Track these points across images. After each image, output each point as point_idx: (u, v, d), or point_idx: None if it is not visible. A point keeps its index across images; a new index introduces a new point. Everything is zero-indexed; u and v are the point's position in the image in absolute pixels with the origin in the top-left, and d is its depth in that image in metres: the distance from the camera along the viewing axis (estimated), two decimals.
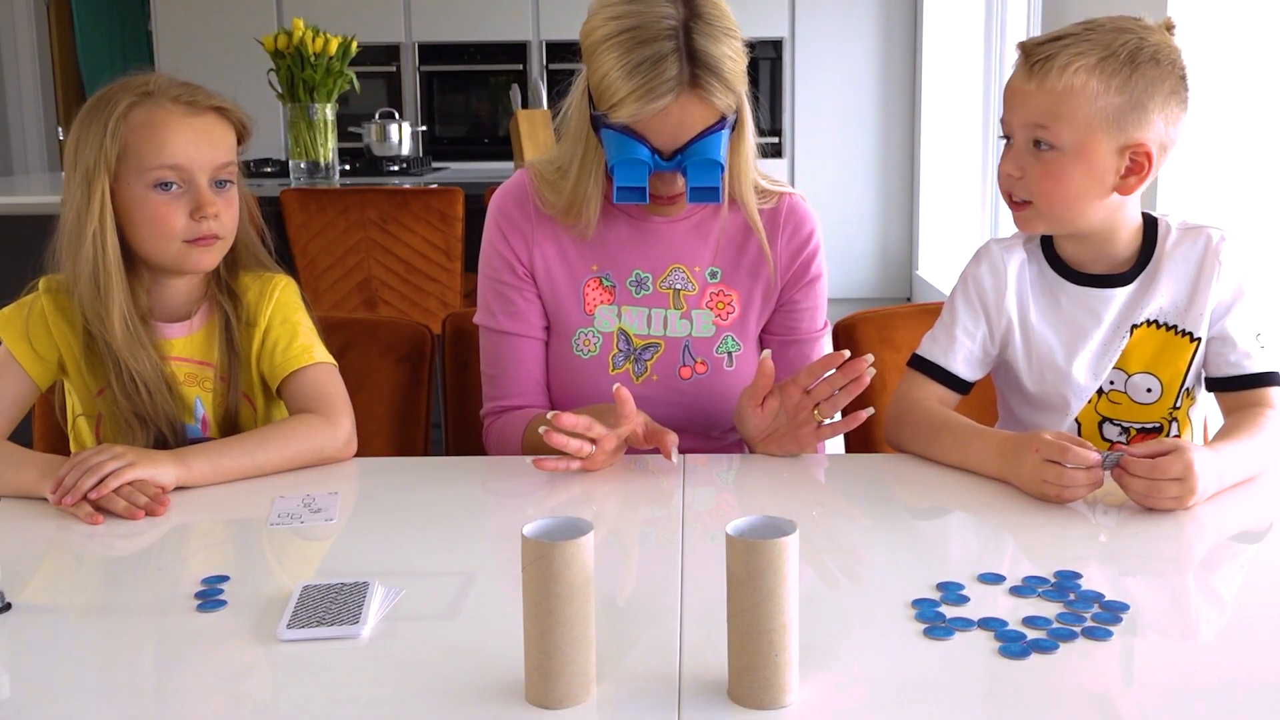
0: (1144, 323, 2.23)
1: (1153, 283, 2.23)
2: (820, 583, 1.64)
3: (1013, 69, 2.20)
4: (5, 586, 1.60)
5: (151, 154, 2.18)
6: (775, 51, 9.76)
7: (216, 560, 1.81)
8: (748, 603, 1.28)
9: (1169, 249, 2.24)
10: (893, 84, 9.77)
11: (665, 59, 2.13)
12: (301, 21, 5.82)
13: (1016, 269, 2.30)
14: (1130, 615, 1.51)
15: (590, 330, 2.42)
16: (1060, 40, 2.12)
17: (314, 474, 2.15)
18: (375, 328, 2.76)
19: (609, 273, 2.43)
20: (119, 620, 1.59)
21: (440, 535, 1.90)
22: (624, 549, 1.79)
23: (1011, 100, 2.18)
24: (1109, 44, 2.10)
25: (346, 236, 5.11)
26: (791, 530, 1.28)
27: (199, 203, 2.20)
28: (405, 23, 9.79)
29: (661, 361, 2.43)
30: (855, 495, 2.08)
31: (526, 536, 1.29)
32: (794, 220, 2.48)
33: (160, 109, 2.20)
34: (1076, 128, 2.10)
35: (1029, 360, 2.29)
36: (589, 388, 2.41)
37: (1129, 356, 2.23)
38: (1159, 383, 2.24)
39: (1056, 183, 2.14)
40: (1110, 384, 2.25)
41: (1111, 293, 2.24)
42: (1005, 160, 2.20)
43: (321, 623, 1.50)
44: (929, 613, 1.53)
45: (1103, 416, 2.26)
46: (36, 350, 2.26)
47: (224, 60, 9.40)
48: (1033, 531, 1.87)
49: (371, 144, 6.92)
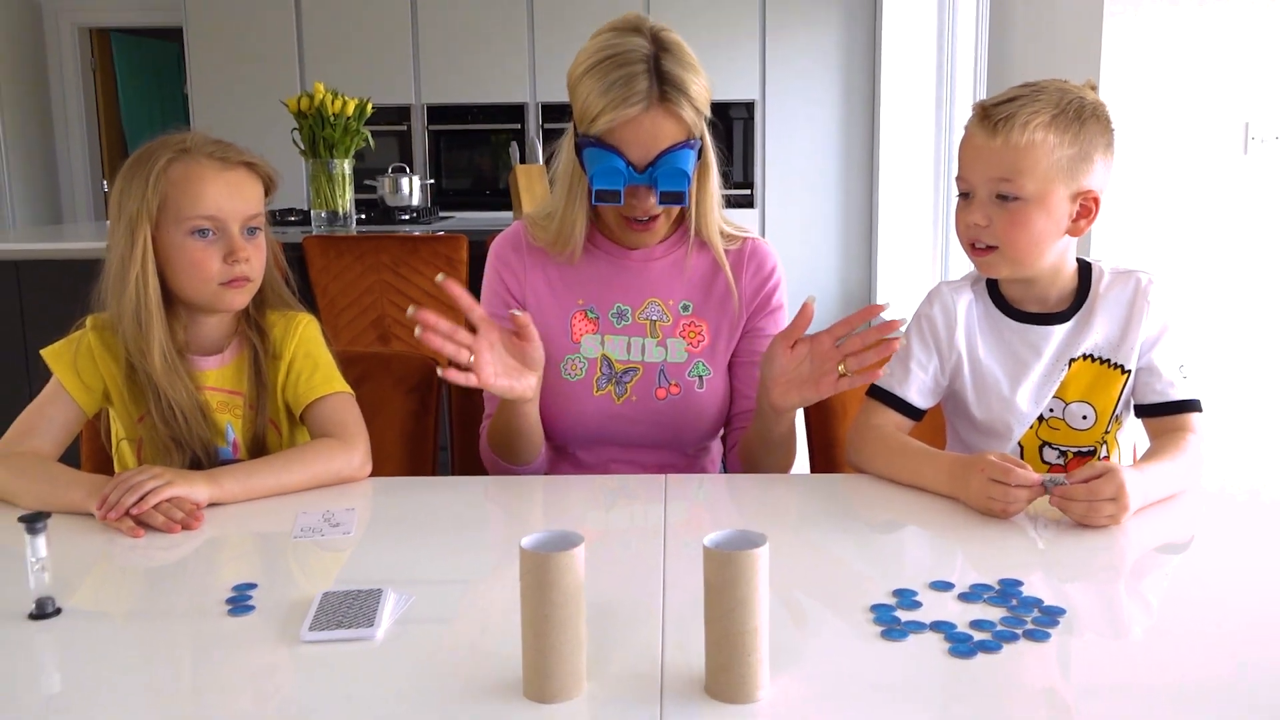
0: (1080, 357, 2.24)
1: (1088, 321, 2.25)
2: (789, 589, 1.64)
3: (968, 128, 2.20)
4: (56, 593, 1.60)
5: (189, 205, 2.20)
6: (748, 112, 9.77)
7: (245, 569, 1.80)
8: (723, 608, 1.28)
9: (1103, 291, 2.26)
10: (853, 140, 9.79)
11: (637, 77, 2.22)
12: (322, 85, 5.83)
13: (965, 308, 2.32)
14: (1066, 619, 1.52)
15: (577, 356, 2.46)
16: (1015, 100, 2.13)
17: (333, 492, 2.15)
18: (388, 361, 2.77)
19: (593, 306, 2.48)
20: (158, 623, 1.59)
21: (446, 547, 1.90)
22: (612, 559, 1.79)
23: (973, 157, 2.18)
24: (1058, 101, 2.12)
25: (362, 279, 5.11)
26: (762, 543, 1.29)
27: (232, 248, 2.22)
28: (415, 86, 9.80)
29: (640, 384, 2.46)
30: (820, 512, 2.07)
31: (524, 548, 1.29)
32: (757, 258, 2.53)
33: (196, 164, 2.21)
34: (1038, 178, 2.12)
35: (976, 391, 2.30)
36: (573, 407, 2.46)
37: (1067, 387, 2.25)
38: (1094, 410, 2.25)
39: (1021, 229, 2.15)
40: (1050, 411, 2.26)
41: (1051, 330, 2.26)
42: (970, 212, 2.19)
43: (340, 625, 1.51)
44: (886, 616, 1.53)
45: (1043, 441, 2.28)
46: (83, 380, 2.27)
47: (252, 119, 9.40)
48: (979, 544, 1.87)
49: (385, 195, 6.91)
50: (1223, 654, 1.44)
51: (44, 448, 2.22)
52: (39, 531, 1.59)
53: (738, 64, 9.70)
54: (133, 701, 1.35)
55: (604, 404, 2.46)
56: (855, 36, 9.65)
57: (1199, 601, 1.62)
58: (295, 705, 1.35)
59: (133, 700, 1.35)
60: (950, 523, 1.97)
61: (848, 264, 9.97)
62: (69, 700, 1.36)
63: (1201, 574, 1.75)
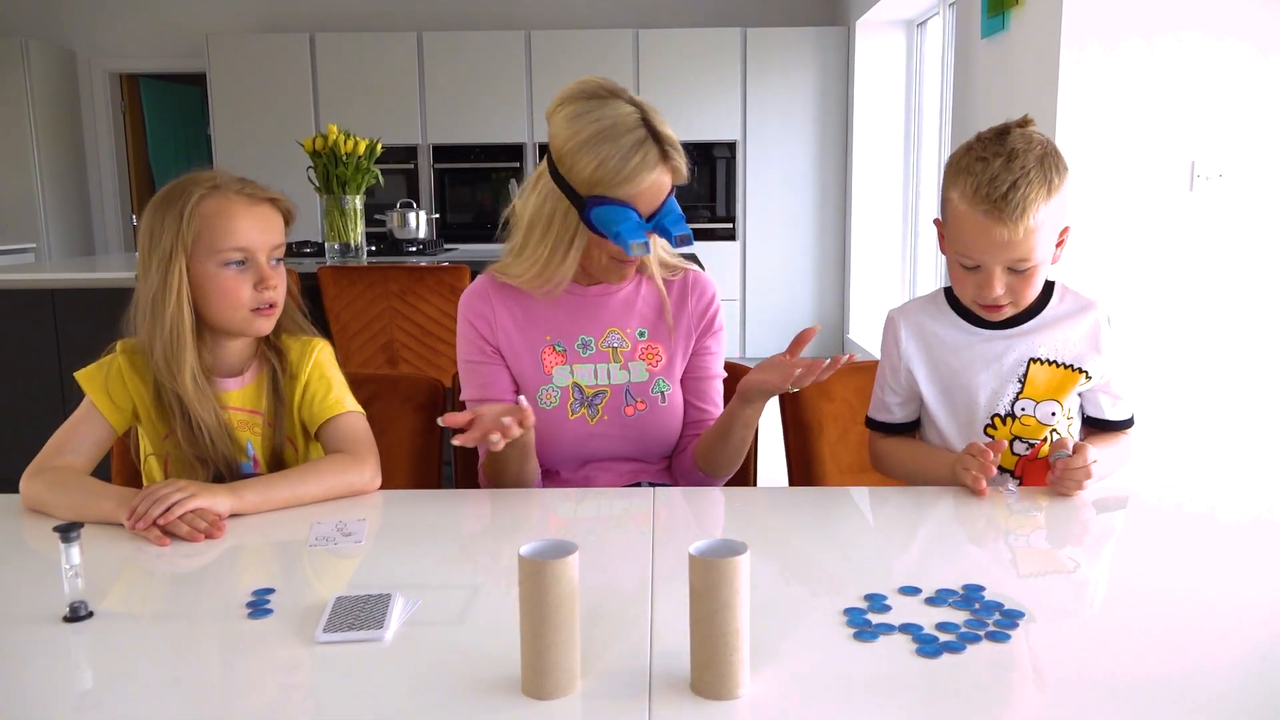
0: (1040, 360, 2.32)
1: (1047, 330, 2.33)
2: (768, 594, 1.64)
3: (969, 211, 2.17)
4: (88, 597, 1.61)
5: (222, 238, 2.21)
6: (730, 152, 9.80)
7: (264, 575, 1.80)
8: (707, 611, 1.29)
9: (1063, 311, 2.34)
10: (828, 178, 9.82)
11: (645, 142, 2.29)
12: (335, 126, 5.83)
13: (913, 325, 2.42)
14: (1025, 620, 1.53)
15: (550, 386, 2.49)
16: (1015, 187, 2.11)
17: (345, 504, 2.15)
18: (397, 382, 2.77)
19: (559, 340, 2.51)
20: (183, 625, 1.58)
21: (451, 554, 1.90)
22: (604, 566, 1.79)
23: (987, 244, 2.16)
24: (1040, 163, 2.14)
25: (373, 306, 5.12)
26: (744, 551, 1.30)
27: (262, 277, 2.24)
28: (421, 127, 9.82)
29: (610, 404, 2.49)
30: (798, 522, 2.07)
31: (522, 556, 1.30)
32: (699, 287, 2.61)
33: (227, 200, 2.23)
34: (1045, 244, 2.18)
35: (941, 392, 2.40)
36: (553, 432, 2.49)
37: (1037, 388, 2.32)
38: (1060, 405, 2.32)
39: (1033, 284, 2.24)
40: (1022, 410, 2.32)
41: (1010, 330, 2.34)
42: (987, 286, 2.21)
43: (352, 628, 1.51)
44: (858, 619, 1.53)
45: (1015, 436, 2.34)
46: (114, 400, 2.28)
47: (270, 158, 9.43)
48: (945, 553, 1.88)
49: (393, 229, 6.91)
50: (1165, 649, 1.45)
51: (77, 463, 2.22)
52: (73, 541, 1.60)
53: (721, 106, 9.76)
54: (161, 698, 1.35)
55: (579, 426, 2.48)
56: (830, 81, 9.70)
57: (1141, 603, 1.63)
58: (312, 701, 1.35)
59: (161, 697, 1.35)
60: (918, 533, 1.99)
61: (822, 292, 10.01)
62: (100, 697, 1.36)
63: (1142, 578, 1.75)
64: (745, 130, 9.81)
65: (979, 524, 2.01)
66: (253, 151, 9.71)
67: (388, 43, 9.85)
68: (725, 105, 9.81)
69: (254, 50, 9.88)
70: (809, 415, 2.77)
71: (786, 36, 9.76)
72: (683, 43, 9.70)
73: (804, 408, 2.78)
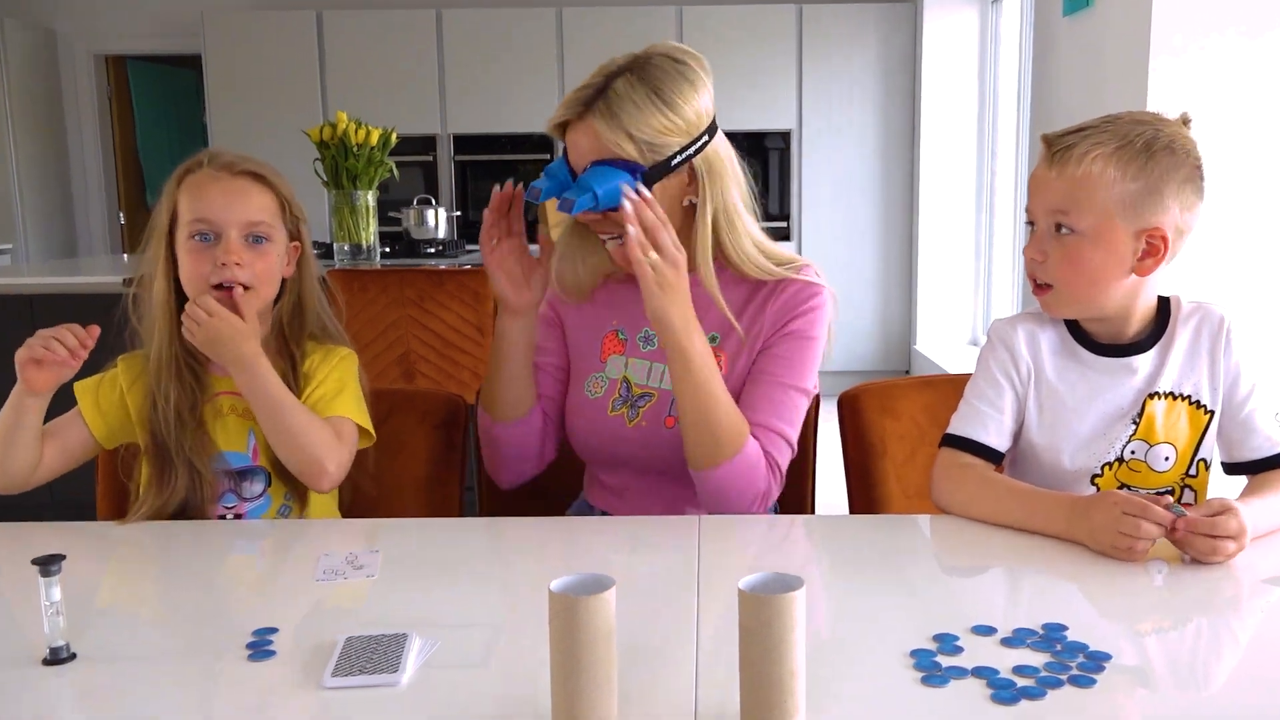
0: (1159, 393, 2.23)
1: (1166, 357, 2.24)
2: (826, 633, 1.64)
3: (1038, 159, 2.22)
4: (70, 638, 1.61)
5: (189, 210, 2.32)
6: (784, 142, 9.77)
7: (266, 613, 1.81)
8: (758, 652, 1.29)
9: (1181, 327, 2.25)
10: (892, 171, 9.77)
11: (587, 88, 2.32)
12: (345, 114, 5.86)
13: (1025, 339, 2.31)
14: (1112, 664, 1.52)
15: (600, 375, 2.52)
16: (1081, 131, 2.14)
17: (356, 533, 2.16)
18: (413, 397, 2.78)
19: (624, 327, 2.53)
20: (175, 669, 1.59)
21: (473, 589, 1.91)
22: (644, 602, 1.78)
23: (1035, 188, 2.20)
24: (1126, 134, 2.12)
25: (387, 313, 5.13)
26: (799, 586, 1.30)
27: (226, 250, 2.31)
28: (441, 115, 9.83)
29: (651, 410, 2.48)
30: (858, 554, 2.07)
31: (553, 591, 1.30)
32: (790, 292, 2.47)
33: (204, 174, 2.35)
34: (1094, 212, 2.12)
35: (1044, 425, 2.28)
36: (591, 424, 2.51)
37: (1150, 427, 2.23)
38: (1175, 450, 2.24)
39: (1075, 265, 2.16)
40: (1132, 453, 2.23)
41: (1128, 360, 2.24)
42: (1030, 245, 2.22)
43: (364, 671, 1.52)
44: (926, 662, 1.53)
45: (1121, 483, 2.24)
46: (101, 407, 2.38)
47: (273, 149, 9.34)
48: (1021, 587, 1.88)
49: (410, 228, 6.95)
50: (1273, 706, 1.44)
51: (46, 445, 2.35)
52: (53, 575, 1.60)
53: (774, 92, 9.71)
54: None
55: (617, 425, 2.49)
56: (895, 63, 9.65)
57: (1244, 650, 1.62)
58: None
59: None
60: (991, 566, 1.98)
61: (887, 299, 9.94)
62: None
63: (1254, 623, 1.74)
64: (801, 119, 9.77)
65: (1060, 556, 1.98)
66: (253, 141, 9.67)
67: (403, 21, 9.86)
68: (779, 91, 9.76)
69: (254, 29, 9.91)
70: (872, 435, 2.74)
71: (847, 14, 9.71)
72: (731, 21, 9.67)
73: (866, 427, 2.75)
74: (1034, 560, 1.98)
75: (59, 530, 2.26)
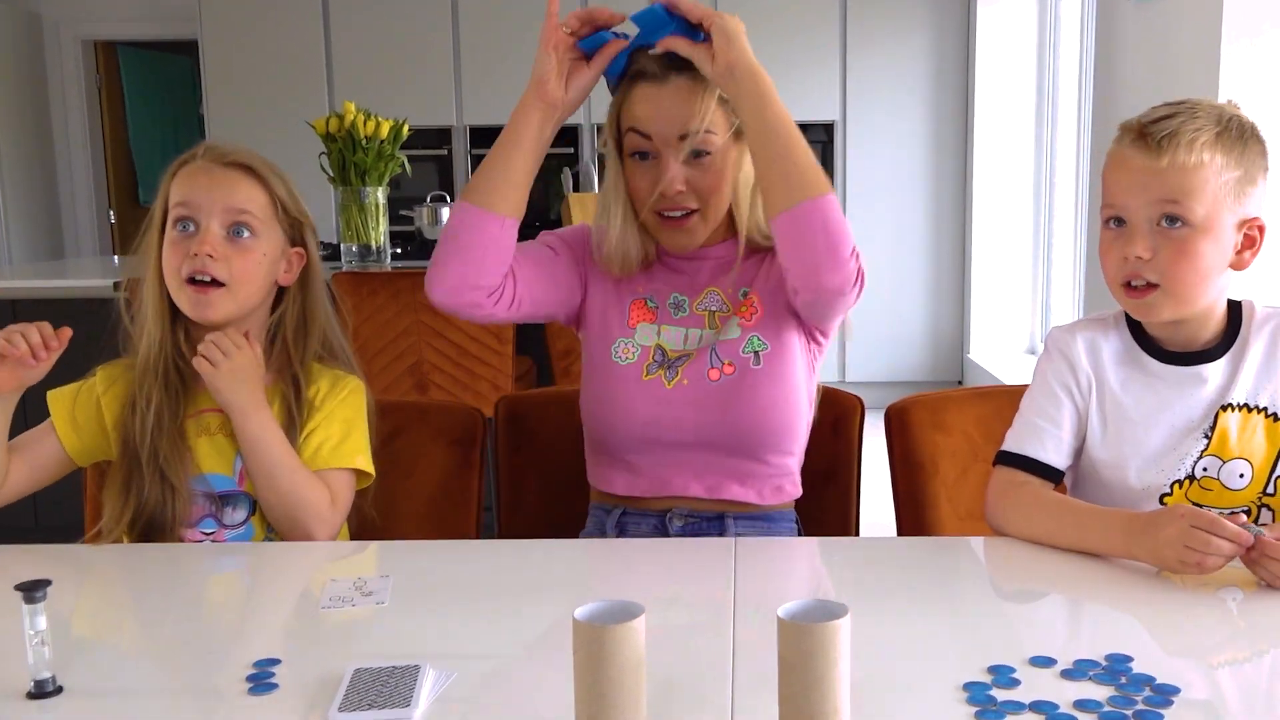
0: (1232, 405, 2.20)
1: (1240, 362, 2.21)
2: (872, 665, 1.64)
3: (1117, 152, 2.18)
4: (57, 670, 1.62)
5: (174, 198, 2.35)
6: (827, 134, 9.75)
7: (267, 643, 1.82)
8: (799, 685, 1.29)
9: (1255, 332, 2.23)
10: (944, 167, 9.74)
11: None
12: (353, 105, 5.86)
13: (1085, 349, 2.29)
14: (1181, 698, 1.51)
15: (630, 341, 2.54)
16: (1174, 117, 2.10)
17: (365, 556, 2.17)
18: (427, 411, 2.78)
19: (652, 295, 2.57)
20: (170, 704, 1.60)
21: (491, 617, 1.91)
22: (676, 630, 1.79)
23: (1131, 180, 2.14)
24: (1219, 118, 2.11)
25: (398, 320, 5.13)
26: (843, 613, 1.29)
27: (202, 240, 2.31)
28: (457, 106, 9.82)
29: (691, 366, 2.49)
30: (907, 580, 2.07)
31: (578, 620, 1.30)
32: None
33: (194, 164, 2.37)
34: (1206, 202, 2.09)
35: (1110, 441, 2.26)
36: (621, 393, 2.51)
37: (1223, 443, 2.20)
38: (1250, 467, 2.20)
39: (1190, 261, 2.12)
40: (1204, 470, 2.20)
41: (1200, 369, 2.22)
42: (1130, 243, 2.15)
43: (373, 706, 1.52)
44: (980, 696, 1.53)
45: (1193, 502, 2.19)
46: (76, 418, 2.39)
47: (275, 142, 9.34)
48: (1083, 615, 1.87)
49: (423, 227, 6.93)
50: None
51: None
52: (38, 602, 1.60)
53: (817, 82, 9.67)
54: None
55: (653, 389, 2.48)
56: (946, 51, 9.61)
57: None
58: None
59: None
60: (1050, 592, 1.97)
61: (938, 304, 9.89)
62: None
63: None
64: (845, 111, 9.75)
65: (1124, 582, 1.98)
66: (254, 134, 9.64)
67: (415, 4, 9.85)
68: (821, 81, 9.73)
69: (255, 12, 9.90)
70: (921, 451, 2.73)
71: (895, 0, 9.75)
72: (771, 7, 9.62)
73: (916, 442, 2.74)
74: (1096, 586, 1.97)
75: (39, 553, 2.26)
